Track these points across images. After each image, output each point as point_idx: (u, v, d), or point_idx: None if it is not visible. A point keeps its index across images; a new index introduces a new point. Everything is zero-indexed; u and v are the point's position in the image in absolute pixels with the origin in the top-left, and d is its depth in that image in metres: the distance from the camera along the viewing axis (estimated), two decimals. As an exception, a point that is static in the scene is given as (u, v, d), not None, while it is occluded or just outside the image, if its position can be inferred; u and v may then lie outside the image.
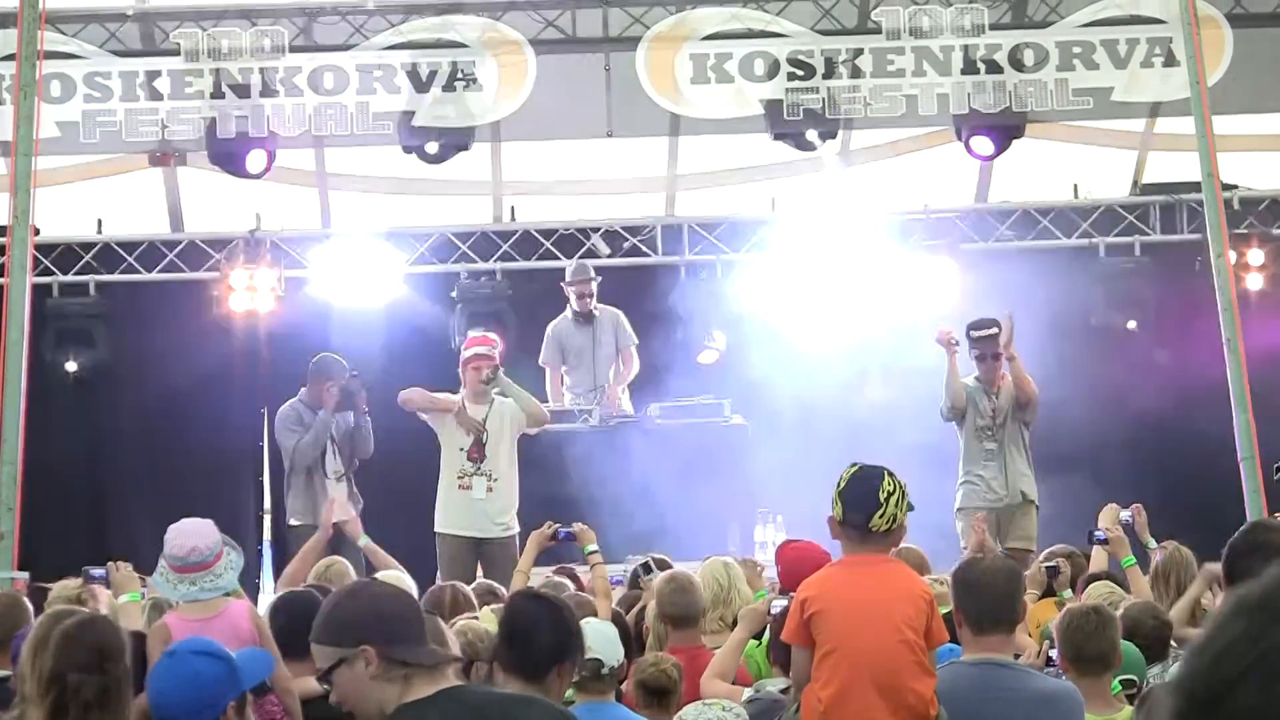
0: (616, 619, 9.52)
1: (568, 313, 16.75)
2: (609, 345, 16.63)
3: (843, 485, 6.96)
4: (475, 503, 14.19)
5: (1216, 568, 10.34)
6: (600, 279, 17.12)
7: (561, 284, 17.00)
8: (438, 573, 13.43)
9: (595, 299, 16.84)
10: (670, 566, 11.21)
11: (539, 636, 6.38)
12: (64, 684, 6.14)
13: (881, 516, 6.85)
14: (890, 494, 6.87)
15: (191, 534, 9.12)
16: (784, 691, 7.85)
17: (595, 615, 9.18)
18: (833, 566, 7.12)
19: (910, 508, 7.10)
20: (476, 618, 9.27)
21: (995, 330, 14.25)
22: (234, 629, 8.50)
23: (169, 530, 9.13)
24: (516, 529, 13.86)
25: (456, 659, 5.89)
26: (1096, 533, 10.84)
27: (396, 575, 11.31)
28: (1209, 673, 1.77)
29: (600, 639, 7.38)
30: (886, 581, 6.90)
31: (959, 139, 17.73)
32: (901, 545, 10.26)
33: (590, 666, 7.16)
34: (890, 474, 6.98)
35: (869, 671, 6.57)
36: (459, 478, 14.40)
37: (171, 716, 5.67)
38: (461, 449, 14.47)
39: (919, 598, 6.90)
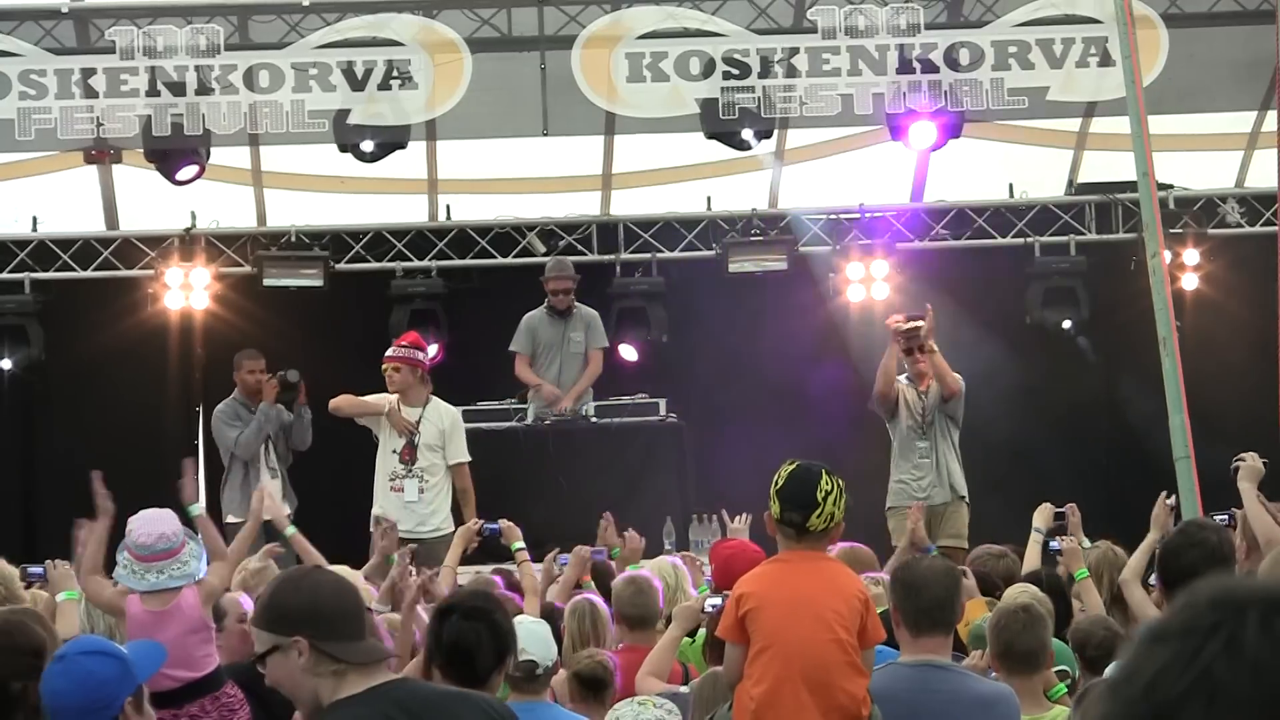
0: (547, 616, 9.46)
1: (544, 307, 16.68)
2: (579, 344, 16.64)
3: (780, 483, 6.91)
4: (407, 504, 14.11)
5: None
6: (580, 278, 17.11)
7: (541, 280, 16.97)
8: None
9: (573, 297, 16.78)
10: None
11: (481, 656, 6.34)
12: (7, 692, 6.07)
13: (819, 516, 6.80)
14: (828, 493, 6.81)
15: (157, 522, 9.15)
16: None
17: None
18: (769, 564, 7.09)
19: (848, 506, 7.00)
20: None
21: (919, 324, 14.23)
22: (186, 614, 8.63)
23: (132, 521, 9.16)
24: (449, 529, 13.75)
25: (390, 654, 5.83)
26: (1052, 543, 10.82)
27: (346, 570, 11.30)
28: (1142, 700, 1.75)
29: (533, 639, 7.38)
30: (822, 580, 6.87)
31: (894, 136, 17.64)
32: (852, 545, 10.29)
33: (524, 668, 7.11)
34: (828, 472, 6.93)
35: (800, 670, 6.54)
36: (390, 479, 14.38)
37: (70, 715, 5.56)
38: (394, 450, 14.47)
39: (854, 597, 6.84)
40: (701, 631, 9.07)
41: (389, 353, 14.68)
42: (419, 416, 14.47)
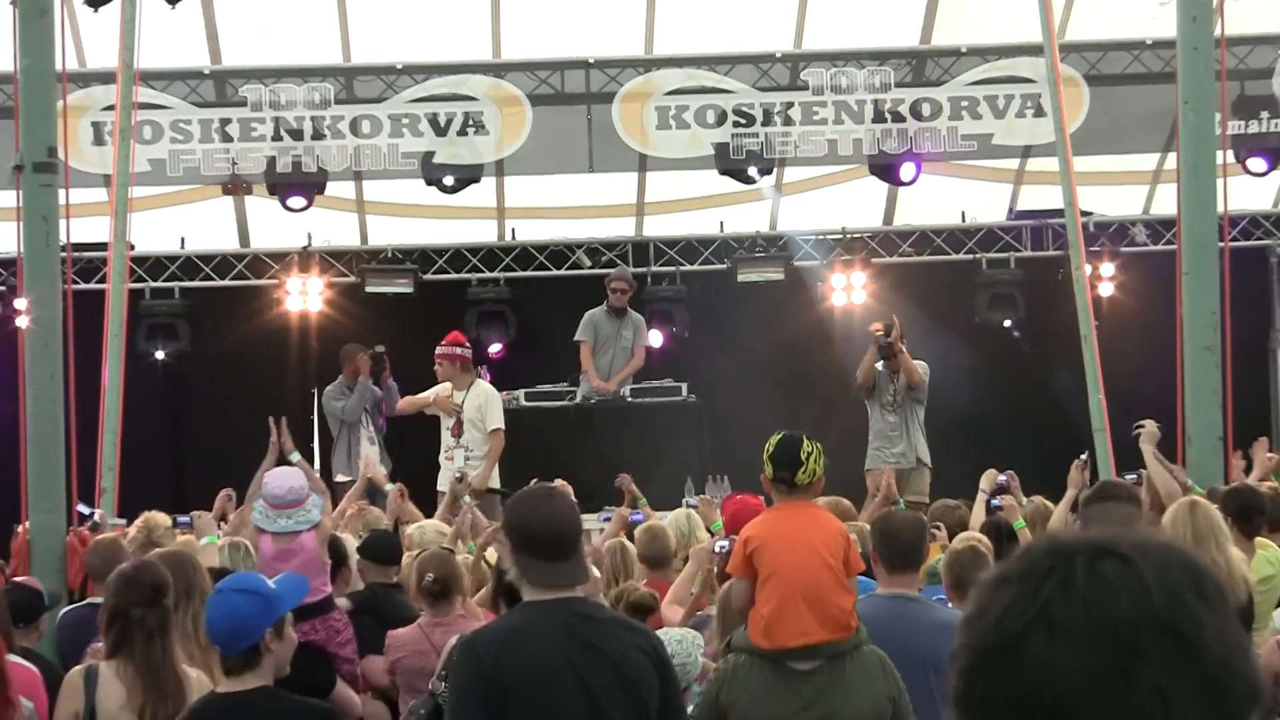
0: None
1: (604, 306, 16.56)
2: (628, 341, 16.53)
3: (771, 449, 6.91)
4: (449, 471, 14.02)
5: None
6: (633, 283, 16.99)
7: (605, 282, 16.83)
8: None
9: (628, 298, 16.68)
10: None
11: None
12: (126, 617, 6.15)
13: (804, 473, 6.79)
14: (809, 454, 6.80)
15: (288, 478, 9.24)
16: None
17: None
18: (768, 513, 7.07)
19: (826, 464, 7.02)
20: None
21: (890, 337, 14.26)
22: (307, 552, 8.65)
23: (268, 477, 9.28)
24: (477, 484, 13.75)
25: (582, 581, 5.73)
26: (993, 502, 10.86)
27: (434, 525, 11.38)
28: (994, 631, 1.72)
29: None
30: (811, 522, 6.83)
31: (874, 174, 17.69)
32: (835, 498, 10.33)
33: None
34: (808, 438, 6.91)
35: (800, 590, 6.52)
36: (445, 451, 14.43)
37: (221, 641, 5.65)
38: (448, 428, 14.53)
39: (838, 534, 6.84)
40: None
41: (437, 351, 14.74)
42: (463, 398, 14.48)
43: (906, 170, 17.52)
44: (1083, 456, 12.12)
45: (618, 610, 7.78)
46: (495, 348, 18.12)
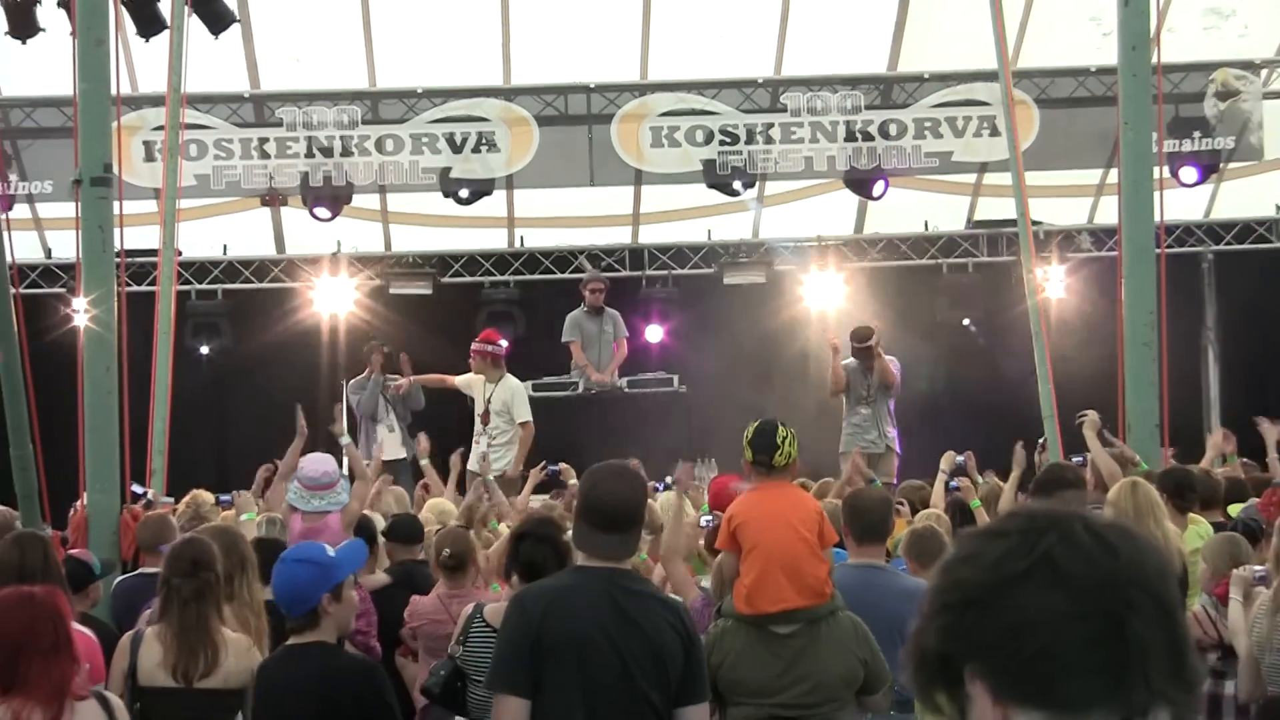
0: None
1: (582, 306, 16.54)
2: (610, 334, 16.54)
3: (750, 435, 6.87)
4: (482, 453, 14.03)
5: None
6: (609, 283, 16.96)
7: (579, 286, 16.80)
8: None
9: (602, 296, 16.59)
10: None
11: (547, 569, 6.13)
12: (170, 584, 6.19)
13: (780, 455, 6.77)
14: (784, 438, 6.76)
15: (322, 462, 9.29)
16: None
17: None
18: (749, 493, 6.99)
19: (802, 447, 6.97)
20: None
21: (869, 342, 14.24)
22: (332, 530, 8.67)
23: (304, 461, 9.40)
24: (511, 471, 13.80)
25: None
26: (951, 483, 10.89)
27: (439, 503, 11.37)
28: (991, 571, 1.70)
29: None
30: (788, 500, 6.77)
31: (847, 187, 17.71)
32: (823, 480, 10.31)
33: None
34: (783, 424, 6.87)
35: (779, 562, 6.50)
36: (475, 435, 14.37)
37: (283, 605, 5.69)
38: (478, 414, 14.46)
39: (813, 511, 6.81)
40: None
41: (472, 346, 14.69)
42: (492, 390, 14.44)
43: (878, 187, 17.61)
44: (1041, 440, 12.19)
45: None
46: (503, 343, 18.16)
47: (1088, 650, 1.65)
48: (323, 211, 17.53)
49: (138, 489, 10.24)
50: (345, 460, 11.34)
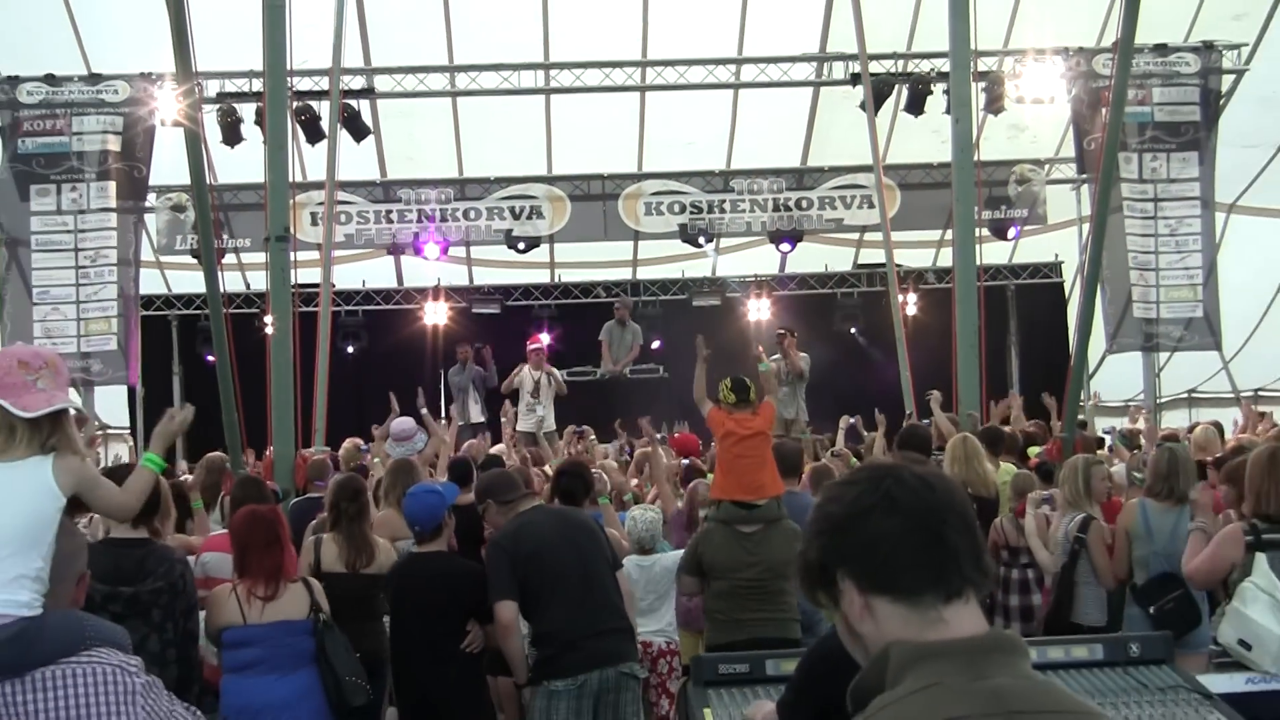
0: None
1: (614, 319, 16.53)
2: (629, 340, 16.48)
3: (729, 384, 6.74)
4: (534, 418, 14.01)
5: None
6: (631, 305, 17.04)
7: (614, 306, 16.83)
8: None
9: (626, 312, 16.63)
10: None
11: (577, 494, 6.11)
12: (338, 505, 6.18)
13: (752, 394, 6.69)
14: (750, 386, 6.65)
15: (405, 423, 9.25)
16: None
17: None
18: (730, 417, 6.62)
19: (760, 394, 6.80)
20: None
21: (786, 337, 14.20)
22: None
23: (394, 424, 9.31)
24: (554, 430, 13.76)
25: (532, 494, 5.80)
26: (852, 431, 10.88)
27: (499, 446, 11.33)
28: (850, 506, 1.67)
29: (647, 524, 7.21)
30: (754, 423, 6.55)
31: (772, 242, 17.70)
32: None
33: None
34: (748, 379, 6.77)
35: (745, 464, 6.36)
36: (529, 407, 14.23)
37: (418, 523, 5.62)
38: (529, 392, 14.30)
39: (768, 421, 6.64)
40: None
41: (528, 347, 14.63)
42: (540, 375, 14.29)
43: (785, 245, 17.59)
44: (909, 411, 12.14)
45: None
46: (545, 340, 18.12)
47: (918, 555, 1.63)
48: (431, 253, 17.43)
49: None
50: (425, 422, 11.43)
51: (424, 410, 10.19)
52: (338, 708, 4.82)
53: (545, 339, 15.32)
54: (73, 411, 2.80)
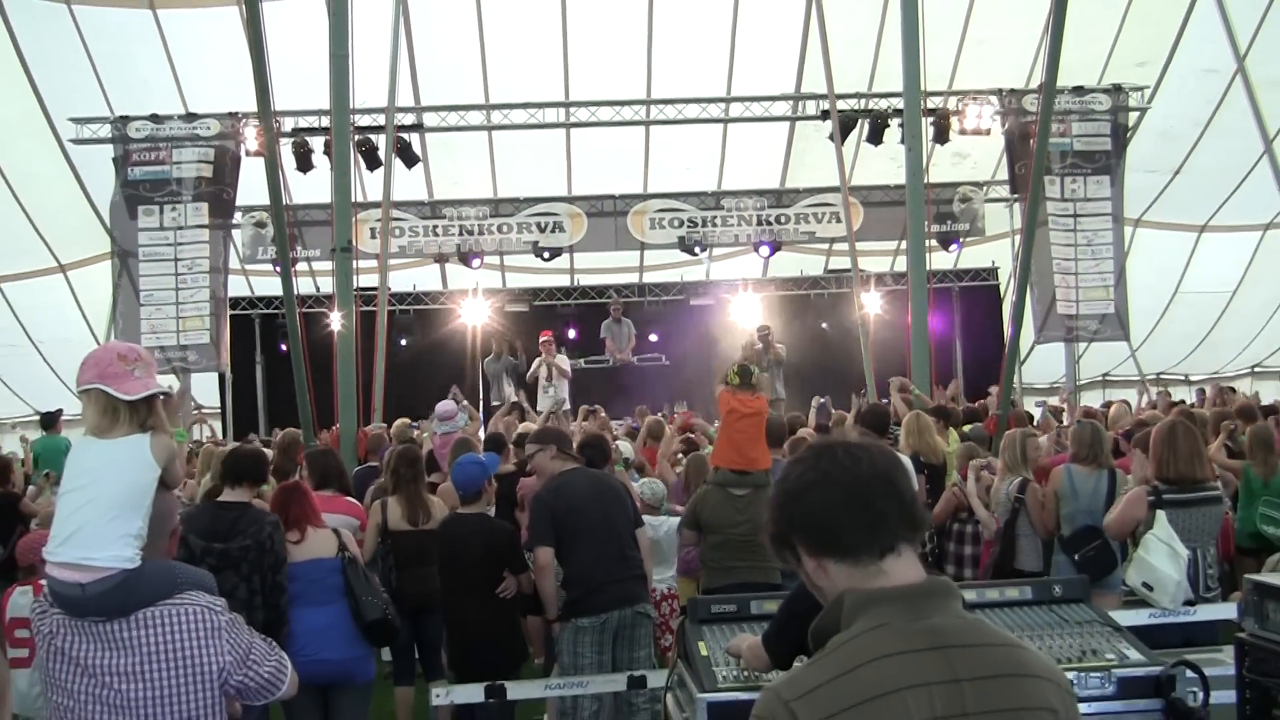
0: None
1: (612, 317, 16.49)
2: (626, 333, 16.45)
3: (736, 368, 6.60)
4: (549, 399, 13.90)
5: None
6: (622, 305, 16.90)
7: (609, 306, 16.76)
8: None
9: (621, 310, 16.58)
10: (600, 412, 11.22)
11: (599, 459, 5.82)
12: (398, 471, 6.13)
13: (754, 379, 6.61)
14: (753, 372, 6.52)
15: (448, 404, 9.14)
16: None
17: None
18: (735, 396, 6.39)
19: (760, 380, 6.66)
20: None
21: (766, 334, 14.11)
22: (451, 442, 8.43)
23: (439, 406, 9.17)
24: (569, 408, 13.70)
25: (577, 458, 5.57)
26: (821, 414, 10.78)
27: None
28: (795, 483, 1.67)
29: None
30: (755, 404, 6.42)
31: (756, 250, 17.60)
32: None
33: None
34: (753, 366, 6.63)
35: (742, 437, 6.23)
36: (543, 389, 14.16)
37: (463, 488, 5.58)
38: (545, 378, 14.23)
39: (764, 411, 6.54)
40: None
41: (540, 340, 14.52)
42: (553, 362, 14.19)
43: (764, 250, 17.41)
44: (864, 391, 12.09)
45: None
46: (550, 337, 18.08)
47: (854, 519, 1.63)
48: (475, 262, 17.36)
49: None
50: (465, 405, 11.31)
51: (464, 401, 10.14)
52: (358, 621, 4.81)
53: (551, 335, 15.19)
54: (162, 396, 2.80)
